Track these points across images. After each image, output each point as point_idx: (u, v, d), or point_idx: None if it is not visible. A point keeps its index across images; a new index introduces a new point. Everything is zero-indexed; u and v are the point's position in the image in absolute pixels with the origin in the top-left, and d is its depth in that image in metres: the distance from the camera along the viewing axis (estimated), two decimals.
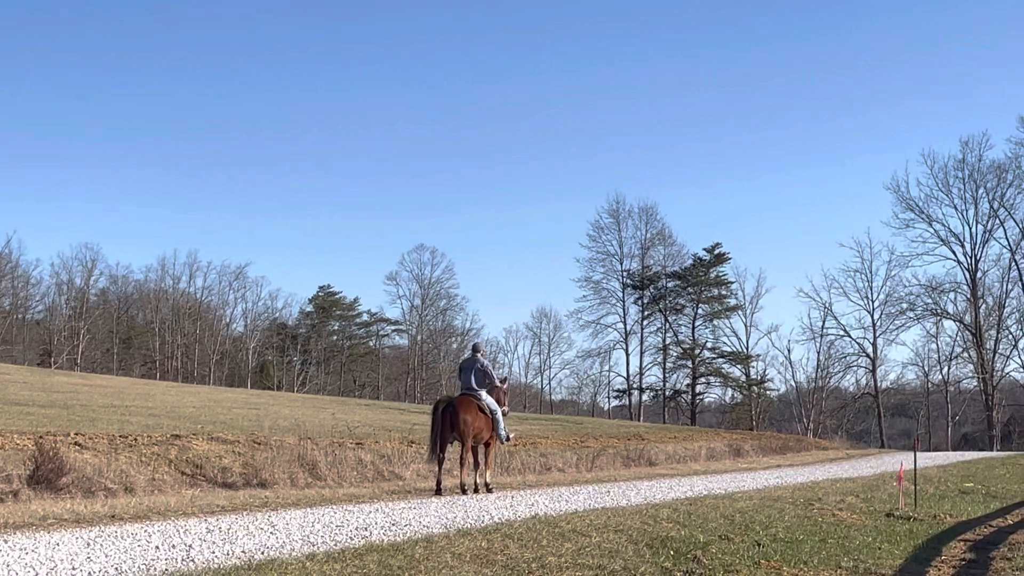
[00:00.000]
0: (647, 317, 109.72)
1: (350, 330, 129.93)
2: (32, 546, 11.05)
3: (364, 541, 12.84)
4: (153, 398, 42.21)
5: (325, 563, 10.84)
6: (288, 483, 21.87)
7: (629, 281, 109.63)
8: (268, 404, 46.68)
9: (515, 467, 29.49)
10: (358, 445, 26.63)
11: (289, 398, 63.02)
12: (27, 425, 22.58)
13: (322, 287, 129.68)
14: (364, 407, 57.77)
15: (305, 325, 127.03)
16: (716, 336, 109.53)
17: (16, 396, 34.28)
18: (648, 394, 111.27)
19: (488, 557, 12.31)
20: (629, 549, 13.95)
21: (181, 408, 36.13)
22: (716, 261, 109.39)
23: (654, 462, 38.17)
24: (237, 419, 32.11)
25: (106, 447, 20.85)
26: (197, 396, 49.20)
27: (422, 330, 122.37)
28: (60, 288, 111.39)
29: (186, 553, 11.20)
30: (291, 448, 24.08)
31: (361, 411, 48.46)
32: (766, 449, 52.21)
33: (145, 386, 57.93)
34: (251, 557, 11.12)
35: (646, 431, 53.67)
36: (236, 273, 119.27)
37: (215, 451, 22.74)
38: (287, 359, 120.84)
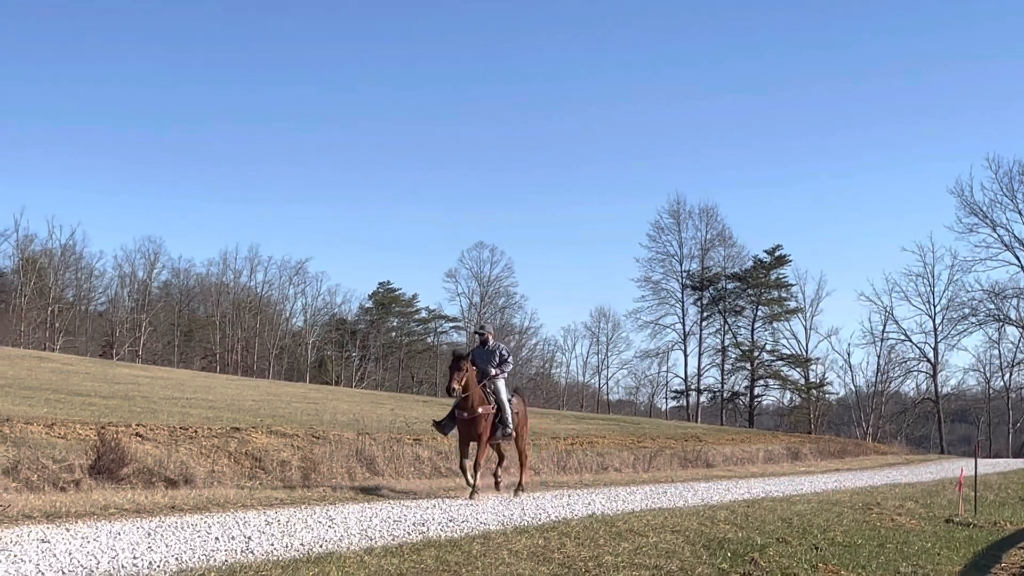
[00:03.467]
0: (706, 318, 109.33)
1: (408, 326, 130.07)
2: (94, 535, 11.14)
3: (422, 536, 12.88)
4: (213, 391, 42.48)
5: (383, 557, 10.89)
6: (346, 477, 21.96)
7: (689, 282, 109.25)
8: (326, 399, 46.87)
9: (572, 466, 29.46)
10: (416, 441, 26.70)
11: (347, 393, 63.25)
12: (89, 415, 22.78)
13: (381, 283, 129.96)
14: (422, 403, 57.93)
15: (364, 321, 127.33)
16: (775, 338, 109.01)
17: (79, 387, 34.60)
18: (706, 396, 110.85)
19: (545, 555, 12.33)
20: (686, 550, 13.94)
21: (241, 401, 36.34)
22: (776, 263, 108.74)
23: (711, 464, 38.05)
24: (296, 413, 32.27)
25: (167, 439, 21.02)
26: (256, 390, 49.48)
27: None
28: (123, 280, 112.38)
29: (245, 545, 11.27)
30: (349, 443, 24.19)
31: (419, 407, 48.54)
32: (824, 453, 51.93)
33: (205, 379, 58.33)
34: (310, 550, 11.18)
35: (703, 432, 53.48)
36: (296, 268, 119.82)
37: (274, 444, 22.87)
38: (346, 354, 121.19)
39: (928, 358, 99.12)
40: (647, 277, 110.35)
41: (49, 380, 36.65)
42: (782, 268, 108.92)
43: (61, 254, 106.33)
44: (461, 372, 18.41)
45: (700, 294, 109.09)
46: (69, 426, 20.32)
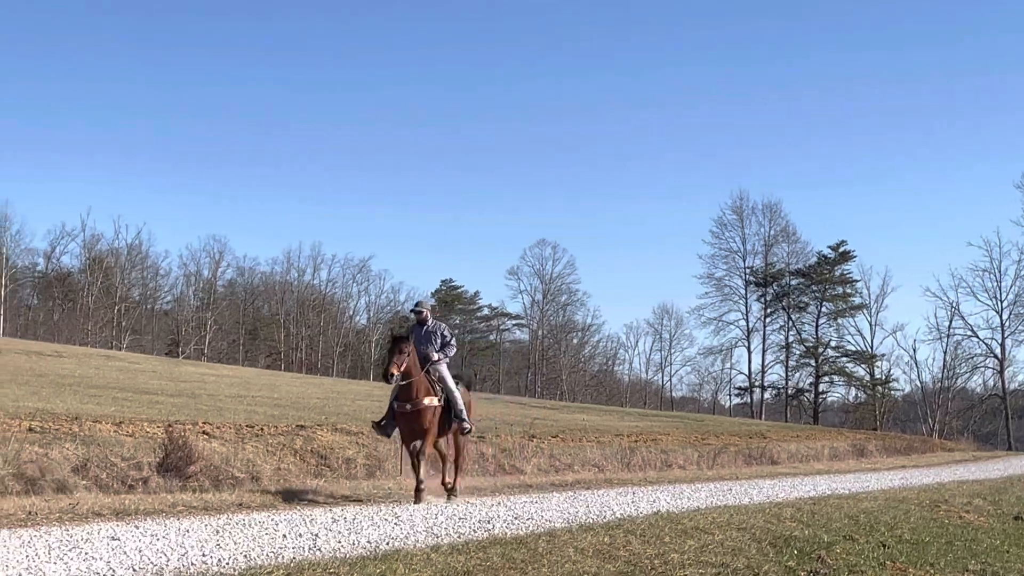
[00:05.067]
0: (770, 315, 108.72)
1: (471, 324, 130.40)
2: (163, 532, 11.26)
3: (487, 534, 12.91)
4: (278, 389, 42.73)
5: (449, 555, 10.93)
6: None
7: (752, 278, 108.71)
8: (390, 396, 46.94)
9: (636, 463, 29.41)
10: (480, 439, 26.72)
11: None
12: (156, 414, 22.99)
13: (444, 281, 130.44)
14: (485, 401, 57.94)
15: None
16: (840, 335, 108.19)
17: (146, 385, 34.92)
18: (770, 392, 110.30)
19: (610, 552, 12.32)
20: (752, 547, 13.88)
21: (305, 399, 36.54)
22: (841, 259, 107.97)
23: (776, 461, 37.86)
24: (360, 411, 32.37)
25: (233, 436, 21.16)
26: (321, 387, 49.72)
27: (543, 325, 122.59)
28: (188, 279, 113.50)
29: (312, 542, 11.34)
30: None
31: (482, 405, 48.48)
32: (890, 450, 51.56)
33: (270, 377, 58.69)
34: (376, 547, 11.24)
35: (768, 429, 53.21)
36: (360, 266, 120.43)
37: (339, 442, 22.96)
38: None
39: (995, 354, 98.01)
40: (710, 274, 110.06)
41: (116, 379, 37.00)
42: (846, 264, 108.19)
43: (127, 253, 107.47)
44: (402, 356, 16.08)
45: (764, 290, 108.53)
46: (137, 424, 20.51)
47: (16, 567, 8.81)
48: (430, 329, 17.54)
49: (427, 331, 17.48)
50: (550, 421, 40.23)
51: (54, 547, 9.86)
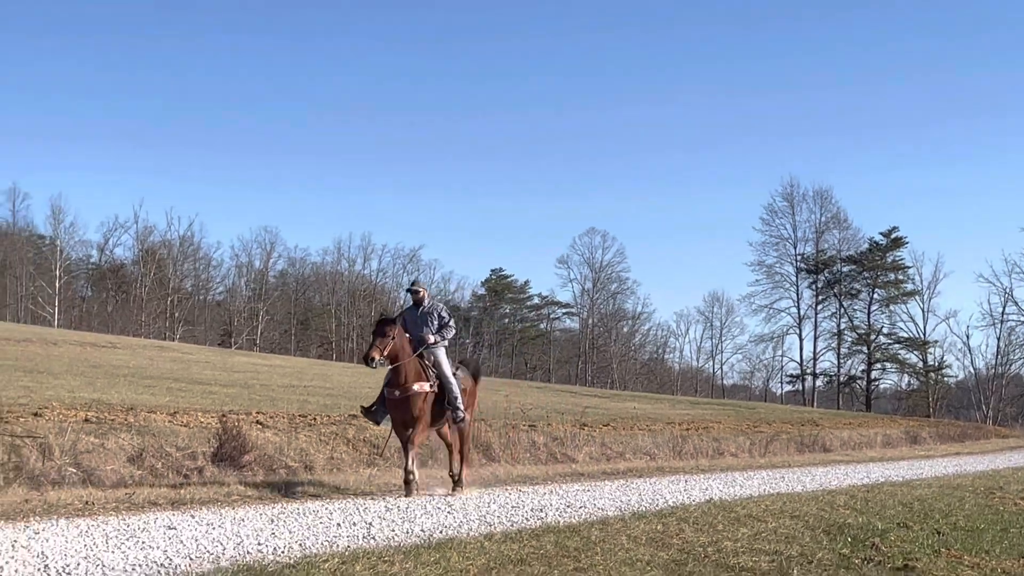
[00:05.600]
0: (821, 302, 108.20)
1: (521, 313, 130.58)
2: (219, 521, 11.34)
3: (540, 522, 12.94)
4: (330, 379, 42.89)
5: (503, 543, 10.96)
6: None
7: (803, 265, 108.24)
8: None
9: (688, 451, 29.35)
10: (531, 427, 26.76)
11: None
12: (210, 404, 23.14)
13: (494, 270, 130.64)
14: (536, 389, 58.03)
15: (477, 308, 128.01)
16: (892, 321, 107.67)
17: (199, 375, 35.14)
18: (822, 380, 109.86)
19: (664, 540, 12.32)
20: (806, 535, 13.84)
21: (357, 388, 36.63)
22: (893, 245, 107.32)
23: (829, 448, 37.70)
24: None
25: (286, 426, 21.27)
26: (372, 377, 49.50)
27: (593, 313, 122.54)
28: (240, 270, 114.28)
29: (366, 531, 11.40)
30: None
31: (533, 393, 48.67)
32: (944, 437, 51.24)
33: (322, 367, 58.93)
34: (430, 536, 11.28)
35: (820, 417, 53.01)
36: (410, 256, 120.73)
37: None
38: (459, 341, 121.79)
39: None
40: (761, 261, 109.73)
41: (170, 369, 37.26)
42: (898, 250, 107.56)
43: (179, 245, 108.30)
44: (386, 339, 14.92)
45: (815, 277, 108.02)
46: (191, 414, 20.66)
47: (75, 556, 8.91)
48: (426, 310, 16.41)
49: (423, 312, 16.36)
50: (601, 410, 40.23)
51: (111, 536, 9.96)
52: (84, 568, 8.50)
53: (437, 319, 16.24)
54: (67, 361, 35.26)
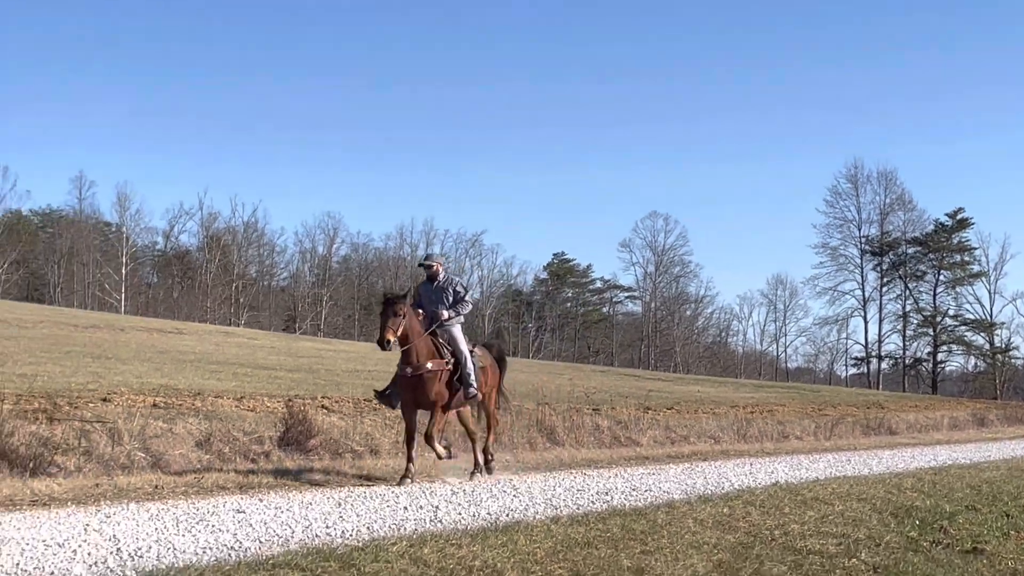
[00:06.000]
0: (886, 284, 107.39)
1: (584, 297, 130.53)
2: (287, 505, 11.43)
3: (606, 505, 12.95)
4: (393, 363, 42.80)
5: (569, 526, 10.99)
6: (527, 447, 22.08)
7: (868, 247, 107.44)
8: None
9: (752, 435, 29.22)
10: (595, 411, 26.75)
11: (525, 364, 63.61)
12: (276, 389, 23.30)
13: (556, 254, 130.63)
14: (599, 373, 58.04)
15: (540, 292, 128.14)
16: (958, 303, 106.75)
17: (264, 361, 35.39)
18: (887, 362, 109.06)
19: (730, 523, 12.30)
20: (873, 518, 13.78)
21: None
22: (959, 227, 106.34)
23: (894, 431, 37.44)
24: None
25: (351, 410, 21.39)
26: None
27: (656, 297, 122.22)
28: (304, 256, 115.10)
29: (433, 514, 11.46)
30: (529, 413, 24.33)
31: (596, 377, 48.68)
32: (1011, 419, 50.75)
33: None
34: (496, 519, 11.33)
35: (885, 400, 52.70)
36: (472, 241, 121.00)
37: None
38: (522, 325, 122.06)
39: None
40: (824, 243, 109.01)
41: (236, 355, 37.55)
42: (964, 231, 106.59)
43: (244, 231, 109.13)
44: (397, 318, 14.16)
45: (880, 259, 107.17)
46: (257, 399, 20.83)
47: (146, 539, 9.01)
48: (441, 284, 15.49)
49: (438, 287, 15.47)
50: (664, 393, 40.17)
51: (181, 520, 10.06)
52: (155, 551, 8.60)
53: (452, 294, 15.38)
54: (134, 347, 35.61)
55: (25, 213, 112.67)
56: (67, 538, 8.85)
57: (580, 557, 9.69)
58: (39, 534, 8.96)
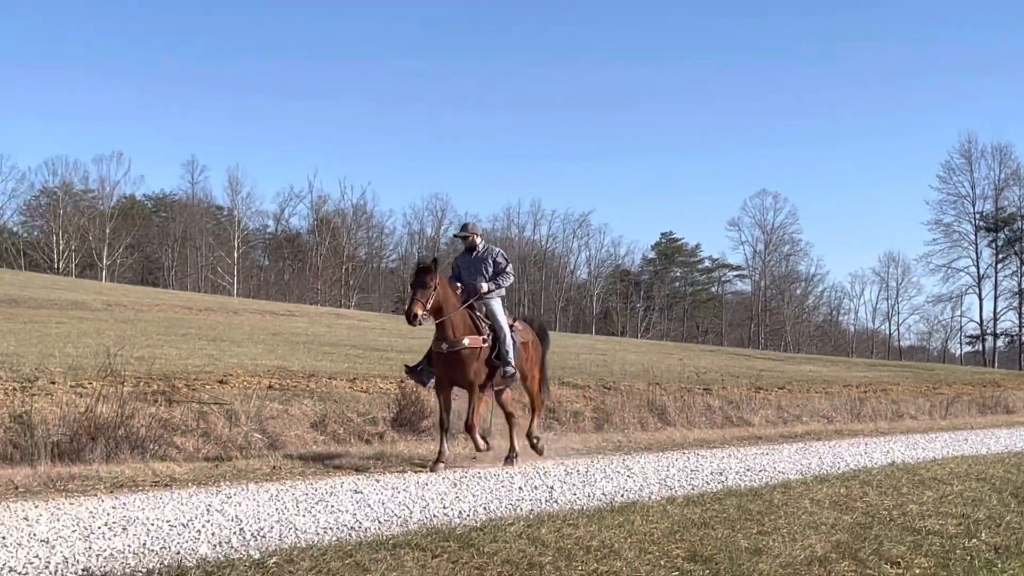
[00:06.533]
0: (1002, 260, 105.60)
1: (692, 276, 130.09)
2: (403, 485, 11.51)
3: (721, 486, 12.89)
4: None
5: (685, 507, 10.96)
6: (638, 427, 22.06)
7: (982, 223, 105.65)
8: (614, 350, 47.17)
9: (866, 414, 28.93)
10: (705, 391, 26.68)
11: (634, 344, 63.58)
12: (388, 370, 23.45)
13: (664, 233, 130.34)
14: (708, 353, 57.74)
15: (648, 271, 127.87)
16: None
17: (375, 342, 35.64)
18: (1003, 340, 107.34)
19: (847, 504, 12.21)
20: (993, 498, 13.60)
21: None
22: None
23: (1011, 410, 36.82)
24: (585, 364, 32.58)
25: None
26: None
27: (765, 276, 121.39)
28: (412, 237, 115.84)
29: (548, 494, 11.49)
30: (640, 393, 24.33)
31: (706, 357, 48.45)
32: None
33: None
34: (612, 499, 11.32)
35: (1002, 378, 51.86)
36: (579, 221, 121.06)
37: (566, 395, 23.16)
38: (630, 305, 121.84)
39: None
40: (938, 220, 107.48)
41: (347, 336, 37.89)
42: None
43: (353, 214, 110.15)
44: (427, 290, 13.19)
45: (995, 235, 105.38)
46: (370, 380, 21.03)
47: (267, 519, 9.13)
48: (480, 255, 14.45)
49: (476, 257, 14.44)
50: (776, 372, 39.89)
51: (301, 500, 10.18)
52: (277, 531, 8.71)
53: (492, 265, 14.30)
54: (248, 329, 36.10)
55: (139, 198, 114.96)
56: (190, 518, 9.00)
57: (697, 537, 9.67)
58: (163, 514, 9.13)
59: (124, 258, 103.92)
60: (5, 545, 7.67)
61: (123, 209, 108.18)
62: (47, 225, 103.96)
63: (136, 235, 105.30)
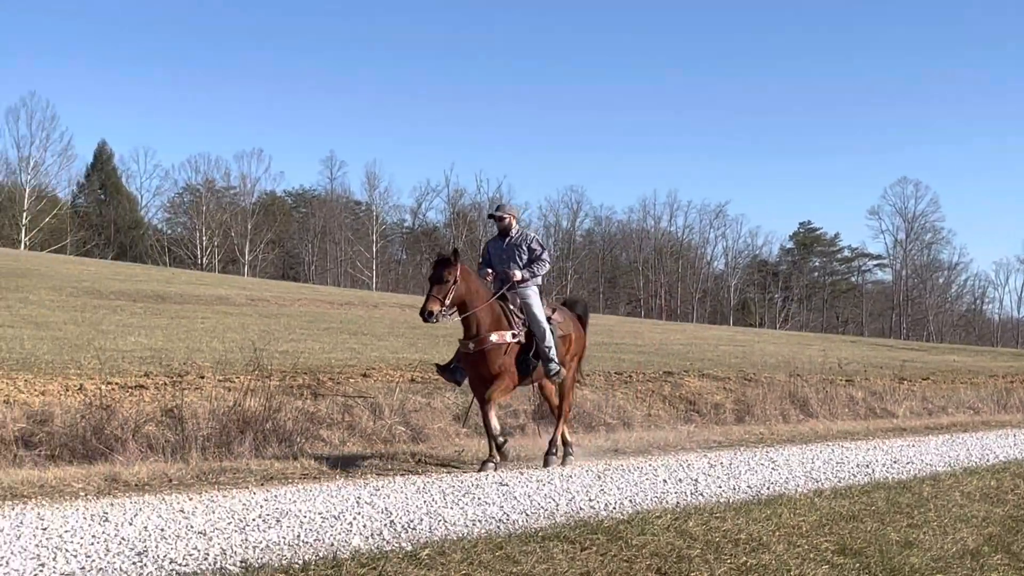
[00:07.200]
0: None
1: (831, 266, 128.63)
2: (547, 478, 11.56)
3: (868, 478, 12.77)
4: (641, 336, 43.11)
5: (833, 499, 10.88)
6: (780, 419, 21.90)
7: None
8: (753, 341, 46.82)
9: (1013, 404, 28.31)
10: (848, 382, 26.38)
11: (772, 335, 63.01)
12: None
13: (802, 223, 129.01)
14: (849, 343, 57.07)
15: (786, 262, 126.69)
16: None
17: None
18: None
19: (998, 496, 12.03)
20: None
21: (668, 345, 36.76)
22: None
23: None
24: (724, 356, 32.40)
25: (602, 383, 21.54)
26: (683, 333, 49.92)
27: (907, 265, 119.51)
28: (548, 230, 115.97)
29: (693, 487, 11.46)
30: (781, 385, 24.14)
31: (847, 348, 47.88)
32: None
33: (632, 324, 59.30)
34: (757, 492, 11.27)
35: None
36: (716, 211, 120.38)
37: (706, 387, 23.06)
38: (768, 296, 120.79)
39: None
40: None
41: None
42: None
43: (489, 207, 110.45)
44: (444, 285, 11.98)
45: None
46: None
47: (416, 512, 9.24)
48: (514, 241, 13.21)
49: (509, 244, 13.20)
50: (919, 363, 39.25)
51: (447, 492, 10.28)
52: (427, 523, 8.80)
53: (527, 251, 13.09)
54: (388, 323, 36.48)
55: (279, 194, 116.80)
56: (341, 510, 9.14)
57: (846, 531, 9.59)
58: (314, 506, 9.28)
59: (265, 253, 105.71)
60: (164, 537, 7.86)
61: (264, 205, 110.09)
62: (191, 222, 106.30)
63: (277, 231, 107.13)
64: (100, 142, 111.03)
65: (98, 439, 13.68)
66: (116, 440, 13.73)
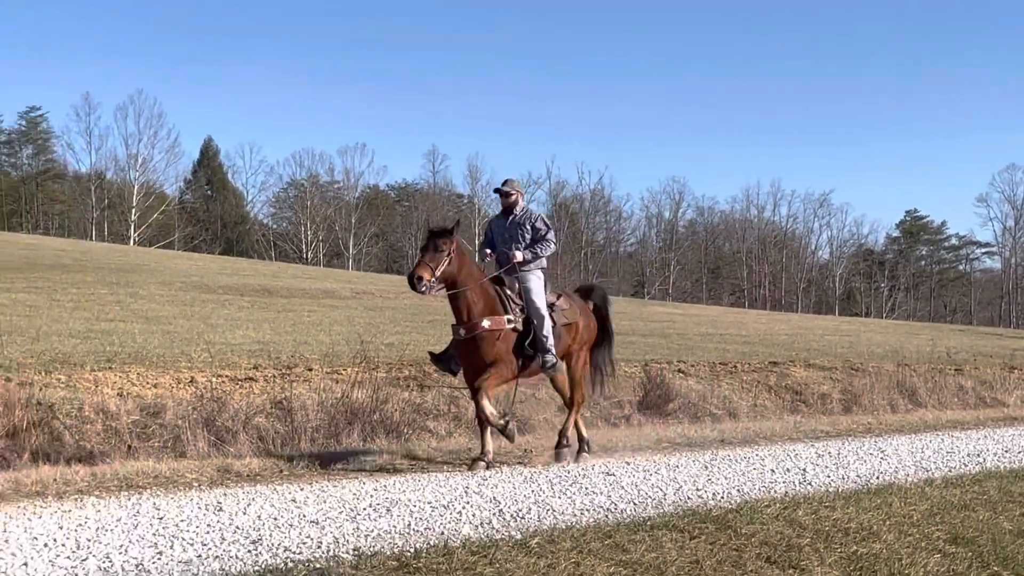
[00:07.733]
0: None
1: (938, 254, 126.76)
2: (654, 468, 11.59)
3: (979, 467, 12.64)
4: (745, 326, 42.84)
5: (944, 488, 10.79)
6: (887, 409, 21.71)
7: None
8: (859, 331, 46.36)
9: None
10: (957, 371, 26.08)
11: (879, 324, 62.31)
12: (631, 353, 23.51)
13: (908, 211, 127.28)
14: (958, 332, 56.30)
15: (892, 250, 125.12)
16: None
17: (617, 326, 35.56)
18: None
19: None
20: None
21: (773, 336, 36.51)
22: None
23: None
24: (830, 346, 32.12)
25: (707, 374, 21.51)
26: (787, 324, 49.52)
27: (1016, 252, 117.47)
28: (650, 221, 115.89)
29: (801, 476, 11.42)
30: (889, 374, 23.93)
31: (955, 337, 47.22)
32: None
33: (736, 315, 58.96)
34: (867, 481, 11.20)
35: None
36: (820, 200, 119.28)
37: (812, 377, 22.93)
38: (874, 285, 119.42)
39: None
40: None
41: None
42: None
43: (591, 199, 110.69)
44: (439, 254, 11.11)
45: None
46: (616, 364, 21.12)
47: (524, 501, 9.30)
48: (517, 219, 12.33)
49: (513, 222, 12.34)
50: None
51: (555, 482, 10.35)
52: (535, 513, 8.86)
53: (531, 230, 12.22)
54: None
55: (383, 188, 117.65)
56: (450, 500, 9.23)
57: (958, 520, 9.52)
58: (423, 496, 9.38)
59: (369, 247, 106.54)
60: (278, 526, 8.00)
61: (367, 199, 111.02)
62: (295, 216, 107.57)
63: (380, 224, 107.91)
64: (206, 138, 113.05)
65: (209, 430, 13.93)
66: (227, 431, 13.97)
